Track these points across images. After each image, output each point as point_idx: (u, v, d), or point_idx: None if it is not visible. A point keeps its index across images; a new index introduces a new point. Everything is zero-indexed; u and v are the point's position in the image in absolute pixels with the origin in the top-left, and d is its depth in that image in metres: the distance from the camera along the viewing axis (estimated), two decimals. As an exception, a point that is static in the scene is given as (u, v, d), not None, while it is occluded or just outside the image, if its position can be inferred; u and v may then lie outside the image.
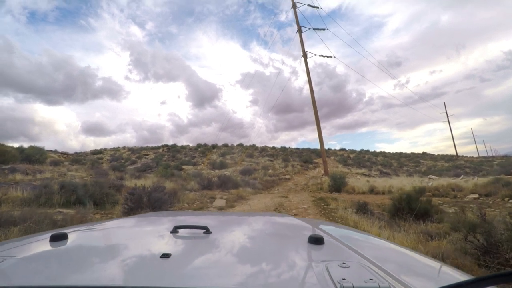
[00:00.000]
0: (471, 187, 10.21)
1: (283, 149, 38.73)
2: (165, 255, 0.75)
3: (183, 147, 39.30)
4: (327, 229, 1.33)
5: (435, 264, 0.97)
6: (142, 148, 39.76)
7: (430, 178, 14.38)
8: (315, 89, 19.87)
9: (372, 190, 11.69)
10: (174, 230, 1.02)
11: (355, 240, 1.22)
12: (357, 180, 16.04)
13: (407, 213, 5.02)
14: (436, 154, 45.39)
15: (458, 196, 8.62)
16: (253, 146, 38.53)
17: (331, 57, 22.78)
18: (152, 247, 0.92)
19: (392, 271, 0.73)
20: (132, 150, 38.64)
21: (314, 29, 22.74)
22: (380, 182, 14.02)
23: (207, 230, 1.01)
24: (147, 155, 35.61)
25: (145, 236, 1.09)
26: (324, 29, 22.57)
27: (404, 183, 13.29)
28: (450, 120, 43.72)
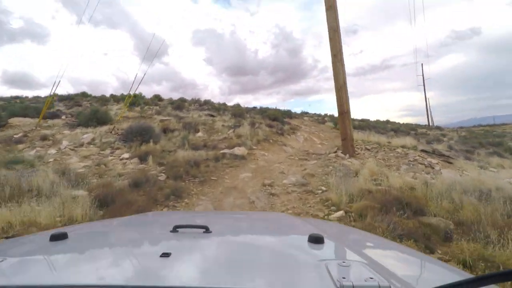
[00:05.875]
0: None
1: (237, 106, 24.16)
2: (165, 254, 0.74)
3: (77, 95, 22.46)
4: (327, 228, 1.31)
5: (435, 263, 0.95)
6: (16, 97, 22.02)
7: None
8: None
9: None
10: (174, 230, 1.00)
11: (355, 239, 1.22)
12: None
13: None
14: (398, 122, 35.96)
15: None
16: (195, 99, 23.60)
17: None
18: (152, 246, 0.93)
19: (392, 270, 0.72)
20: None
21: None
22: None
23: (207, 230, 0.99)
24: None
25: (145, 235, 1.10)
26: None
27: None
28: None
